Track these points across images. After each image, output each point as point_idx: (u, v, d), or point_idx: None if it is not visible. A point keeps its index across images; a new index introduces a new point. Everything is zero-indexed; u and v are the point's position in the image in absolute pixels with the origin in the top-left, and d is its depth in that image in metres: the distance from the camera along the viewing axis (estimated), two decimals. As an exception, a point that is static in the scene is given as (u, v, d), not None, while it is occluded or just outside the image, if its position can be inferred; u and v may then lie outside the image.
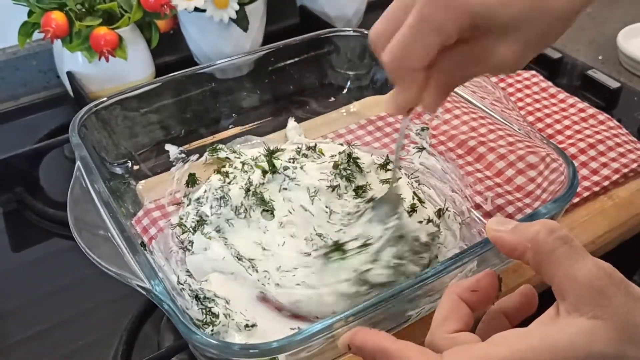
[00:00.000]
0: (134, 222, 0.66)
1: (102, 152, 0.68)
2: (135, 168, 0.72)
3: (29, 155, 0.80)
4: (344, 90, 0.87)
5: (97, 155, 0.65)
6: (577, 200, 0.71)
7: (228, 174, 0.65)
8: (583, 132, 0.79)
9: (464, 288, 0.41)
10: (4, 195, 0.78)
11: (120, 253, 0.52)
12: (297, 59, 0.83)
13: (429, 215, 0.61)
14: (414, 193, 0.64)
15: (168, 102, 0.75)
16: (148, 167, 0.73)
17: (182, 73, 0.74)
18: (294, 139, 0.77)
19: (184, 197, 0.69)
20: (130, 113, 0.72)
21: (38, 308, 0.66)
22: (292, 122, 0.80)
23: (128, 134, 0.72)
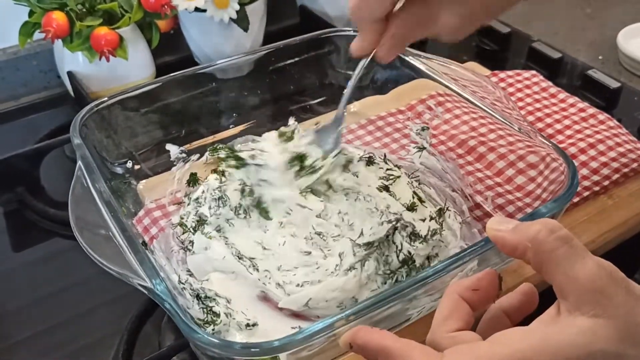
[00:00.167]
0: (135, 221, 0.66)
1: (102, 151, 0.68)
2: (136, 168, 0.72)
3: (30, 155, 0.80)
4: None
5: (98, 155, 0.65)
6: (577, 200, 0.71)
7: (225, 174, 0.65)
8: (583, 131, 0.79)
9: (465, 287, 0.41)
10: (5, 195, 0.78)
11: (122, 252, 0.52)
12: (297, 59, 0.82)
13: (430, 215, 0.62)
14: (414, 192, 0.64)
15: (169, 102, 0.75)
16: (149, 166, 0.73)
17: (182, 73, 0.74)
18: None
19: (185, 196, 0.69)
20: (131, 113, 0.72)
21: (39, 308, 0.67)
22: (292, 121, 0.80)
23: (129, 134, 0.72)
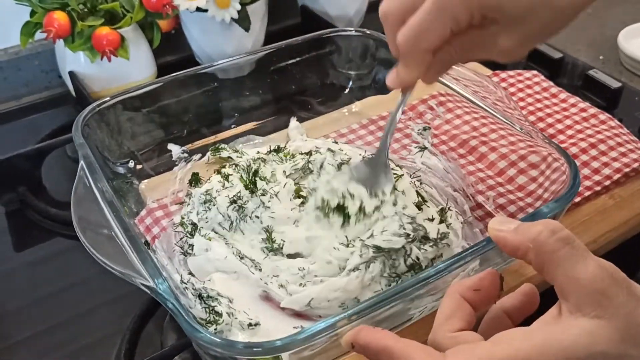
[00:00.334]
0: (137, 221, 0.66)
1: (104, 151, 0.68)
2: (138, 167, 0.72)
3: (31, 155, 0.80)
4: (346, 90, 0.87)
5: (100, 155, 0.65)
6: (578, 200, 0.71)
7: (228, 177, 0.65)
8: (584, 131, 0.79)
9: (466, 287, 0.41)
10: (7, 195, 0.78)
11: (124, 252, 0.52)
12: (298, 59, 0.82)
13: (432, 215, 0.62)
14: (417, 192, 0.65)
15: (170, 101, 0.75)
16: (151, 166, 0.74)
17: (184, 73, 0.74)
18: (296, 139, 0.77)
19: (186, 196, 0.69)
20: (133, 113, 0.72)
21: (41, 307, 0.67)
22: (294, 121, 0.80)
23: (130, 134, 0.73)
